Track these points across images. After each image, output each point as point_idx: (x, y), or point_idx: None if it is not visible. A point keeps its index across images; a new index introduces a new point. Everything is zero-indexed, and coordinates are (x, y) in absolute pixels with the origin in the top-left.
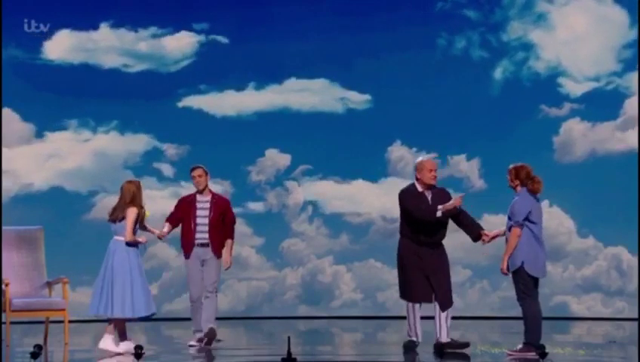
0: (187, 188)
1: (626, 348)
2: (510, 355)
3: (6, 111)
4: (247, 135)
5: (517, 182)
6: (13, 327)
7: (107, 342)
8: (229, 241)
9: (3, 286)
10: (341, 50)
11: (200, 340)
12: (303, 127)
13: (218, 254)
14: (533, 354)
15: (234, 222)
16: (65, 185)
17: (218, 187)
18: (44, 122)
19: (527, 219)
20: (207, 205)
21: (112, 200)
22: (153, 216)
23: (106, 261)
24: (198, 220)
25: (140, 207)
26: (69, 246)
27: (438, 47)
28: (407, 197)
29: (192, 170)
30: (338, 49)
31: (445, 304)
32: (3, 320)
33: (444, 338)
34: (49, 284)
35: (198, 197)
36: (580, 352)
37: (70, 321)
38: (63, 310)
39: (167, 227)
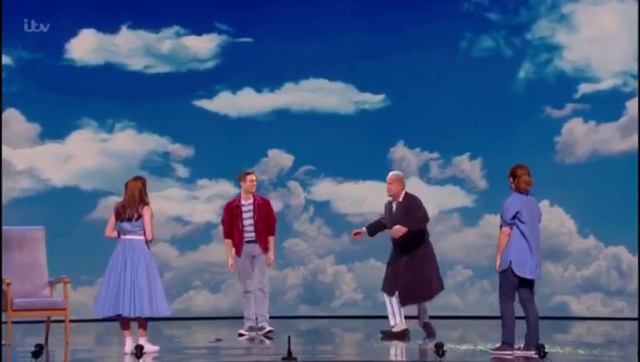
0: (188, 189)
1: (626, 347)
2: (491, 353)
3: (12, 111)
4: (249, 135)
5: (511, 179)
6: (14, 327)
7: (147, 345)
8: (271, 238)
9: (4, 286)
10: (345, 51)
11: (251, 329)
12: (306, 127)
13: (265, 250)
14: (509, 353)
15: (275, 221)
16: (66, 185)
17: (221, 187)
18: (51, 123)
19: (516, 218)
20: (251, 207)
21: (115, 200)
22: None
23: (122, 261)
24: (245, 221)
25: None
26: (70, 245)
27: (440, 48)
28: None
29: (247, 174)
30: (342, 49)
31: None
32: (4, 319)
33: None
34: (50, 284)
35: (242, 200)
36: (580, 352)
37: (71, 321)
38: (64, 309)
39: (229, 246)
